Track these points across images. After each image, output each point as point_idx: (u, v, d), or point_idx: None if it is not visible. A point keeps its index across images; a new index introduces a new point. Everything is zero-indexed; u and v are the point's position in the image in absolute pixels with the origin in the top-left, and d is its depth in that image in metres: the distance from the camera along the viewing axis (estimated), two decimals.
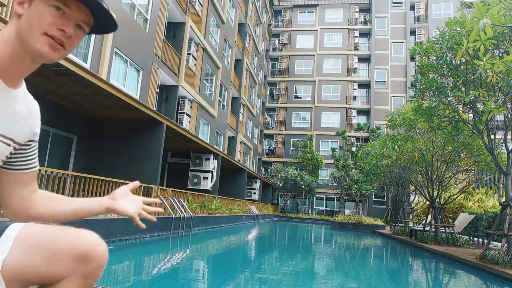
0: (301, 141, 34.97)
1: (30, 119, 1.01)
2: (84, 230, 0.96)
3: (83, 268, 0.93)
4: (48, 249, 0.91)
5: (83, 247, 0.93)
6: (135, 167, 9.92)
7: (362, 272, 6.22)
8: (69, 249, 0.92)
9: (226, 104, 22.22)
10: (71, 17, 0.90)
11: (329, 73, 36.69)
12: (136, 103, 8.60)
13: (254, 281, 4.88)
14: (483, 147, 10.13)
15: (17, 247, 0.90)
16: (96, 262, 0.94)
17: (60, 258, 0.91)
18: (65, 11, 0.89)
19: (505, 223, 7.15)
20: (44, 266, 0.90)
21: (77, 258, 0.92)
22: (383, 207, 31.43)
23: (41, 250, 0.90)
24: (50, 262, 0.90)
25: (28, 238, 0.92)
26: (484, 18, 4.56)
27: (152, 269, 5.09)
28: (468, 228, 13.66)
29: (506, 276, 5.94)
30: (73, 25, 0.91)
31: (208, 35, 18.02)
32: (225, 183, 20.43)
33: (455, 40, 7.21)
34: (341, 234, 16.77)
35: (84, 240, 0.94)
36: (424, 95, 8.92)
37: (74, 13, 0.90)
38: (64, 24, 0.89)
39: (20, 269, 0.89)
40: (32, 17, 0.87)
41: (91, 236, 0.96)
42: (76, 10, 0.90)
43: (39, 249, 0.90)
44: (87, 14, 0.92)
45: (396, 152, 12.51)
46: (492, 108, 5.72)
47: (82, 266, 0.92)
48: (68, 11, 0.89)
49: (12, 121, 0.95)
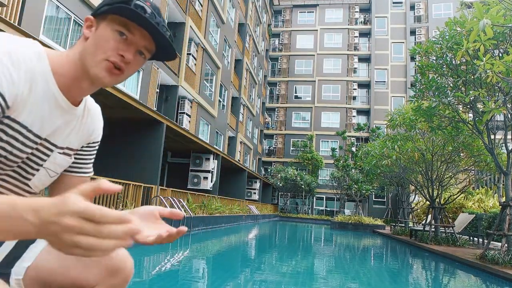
0: (301, 141, 34.97)
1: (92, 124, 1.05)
2: None
3: (111, 279, 0.96)
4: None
5: (115, 259, 0.97)
6: (135, 167, 9.92)
7: (362, 272, 6.22)
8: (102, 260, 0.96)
9: (226, 104, 22.22)
10: (133, 42, 0.90)
11: (329, 73, 36.69)
12: (136, 103, 8.60)
13: (254, 281, 4.88)
14: (483, 147, 10.13)
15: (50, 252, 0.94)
16: (124, 276, 0.99)
17: (92, 266, 0.95)
18: (127, 37, 0.89)
19: (505, 223, 7.15)
20: (75, 271, 0.93)
21: (108, 269, 0.96)
22: (383, 207, 31.43)
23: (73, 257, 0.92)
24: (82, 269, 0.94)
25: None
26: (484, 18, 4.56)
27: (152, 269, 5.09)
28: (468, 228, 13.66)
29: (506, 276, 5.94)
30: (134, 51, 0.91)
31: (208, 35, 18.02)
32: (225, 183, 20.43)
33: (455, 40, 7.21)
34: (341, 234, 16.77)
35: (117, 253, 0.98)
36: (424, 95, 8.92)
37: (136, 38, 0.90)
38: (125, 49, 0.89)
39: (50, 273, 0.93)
40: (97, 41, 0.88)
41: (123, 251, 1.00)
42: (138, 36, 0.90)
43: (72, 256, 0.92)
44: (149, 40, 0.92)
45: (396, 152, 12.51)
46: (492, 108, 5.72)
47: (111, 277, 0.96)
48: (130, 37, 0.89)
49: (74, 135, 0.98)
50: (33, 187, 0.95)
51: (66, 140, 0.97)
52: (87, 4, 9.34)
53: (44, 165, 0.94)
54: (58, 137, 0.94)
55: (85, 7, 9.34)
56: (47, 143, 0.92)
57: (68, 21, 8.94)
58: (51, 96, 0.87)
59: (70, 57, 0.90)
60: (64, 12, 8.74)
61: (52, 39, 8.48)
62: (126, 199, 8.34)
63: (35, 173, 0.93)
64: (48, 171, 0.96)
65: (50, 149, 0.93)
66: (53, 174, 0.98)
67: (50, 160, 0.94)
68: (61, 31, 8.80)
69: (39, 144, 0.90)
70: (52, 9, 8.39)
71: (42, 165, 0.94)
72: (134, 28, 0.89)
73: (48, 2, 8.14)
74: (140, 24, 0.88)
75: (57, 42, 8.65)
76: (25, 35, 5.74)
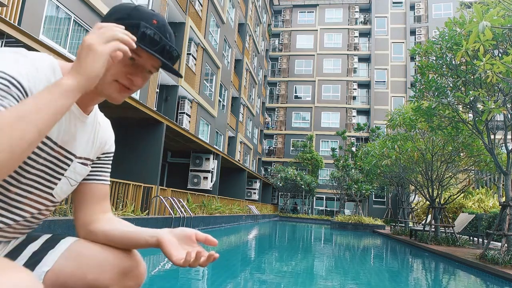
0: (301, 141, 34.98)
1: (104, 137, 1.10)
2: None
3: (124, 282, 1.00)
4: (97, 259, 0.99)
5: (128, 262, 1.01)
6: (135, 167, 9.92)
7: (362, 272, 6.23)
8: (116, 262, 1.00)
9: (226, 104, 22.23)
10: (141, 64, 0.94)
11: (329, 73, 36.69)
12: (136, 103, 8.60)
13: (254, 280, 4.89)
14: (483, 147, 10.14)
15: (68, 257, 0.98)
16: (136, 279, 1.03)
17: (106, 269, 0.99)
18: (135, 59, 0.92)
19: (505, 223, 7.15)
20: (90, 275, 0.97)
21: (121, 272, 1.00)
22: (383, 207, 31.44)
23: (90, 260, 0.98)
24: (97, 272, 0.98)
25: (78, 250, 1.00)
26: (483, 20, 4.56)
27: (152, 269, 5.10)
28: (468, 228, 13.66)
29: (506, 276, 5.95)
30: (142, 74, 0.95)
31: (208, 35, 18.02)
32: (225, 183, 20.44)
33: (455, 40, 7.21)
34: (341, 234, 16.78)
35: (131, 256, 1.03)
36: (424, 95, 8.92)
37: (143, 60, 0.93)
38: (133, 73, 0.93)
39: (68, 276, 0.96)
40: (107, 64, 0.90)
41: (137, 254, 1.05)
42: (145, 58, 0.93)
43: (88, 259, 0.98)
44: (156, 60, 0.95)
45: (396, 152, 12.52)
46: (492, 108, 5.72)
47: (124, 280, 1.00)
48: (138, 59, 0.92)
49: (89, 144, 1.03)
50: (56, 196, 1.00)
51: (84, 150, 1.02)
52: (87, 4, 9.34)
53: (65, 174, 0.99)
54: (75, 147, 0.99)
55: (85, 7, 9.34)
56: (65, 152, 0.97)
57: (68, 21, 8.94)
58: None
59: None
60: (64, 12, 8.74)
61: (52, 39, 8.48)
62: (126, 199, 8.34)
63: (57, 182, 0.98)
64: (69, 180, 1.01)
65: (69, 158, 0.98)
66: (73, 183, 1.03)
67: (70, 170, 0.99)
68: (61, 31, 8.80)
69: (57, 152, 0.94)
70: (52, 9, 8.39)
71: (64, 174, 0.98)
72: (142, 51, 0.92)
73: (48, 2, 8.14)
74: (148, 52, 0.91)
75: (57, 42, 8.65)
76: (25, 35, 5.74)
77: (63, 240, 1.02)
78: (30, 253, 0.97)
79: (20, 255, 0.97)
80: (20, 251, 0.98)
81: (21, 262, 0.95)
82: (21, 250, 0.98)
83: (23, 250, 0.98)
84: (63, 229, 5.76)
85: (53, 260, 0.96)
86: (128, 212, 8.01)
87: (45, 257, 0.97)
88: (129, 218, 7.63)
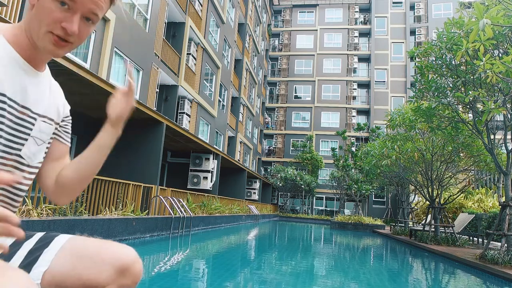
0: (301, 141, 34.97)
1: (59, 98, 1.09)
2: (125, 245, 1.05)
3: (121, 280, 1.00)
4: (93, 258, 0.98)
5: (124, 260, 1.00)
6: (135, 166, 9.91)
7: (361, 272, 6.23)
8: (112, 261, 0.99)
9: (226, 104, 22.23)
10: (75, 10, 0.87)
11: (329, 73, 36.69)
12: (136, 102, 8.60)
13: (253, 280, 4.88)
14: (483, 147, 10.14)
15: (63, 256, 0.98)
16: (133, 277, 1.02)
17: (103, 268, 0.98)
18: (68, 5, 0.85)
19: (504, 223, 7.15)
20: (87, 274, 0.97)
21: (117, 270, 0.99)
22: (383, 207, 31.44)
23: (85, 259, 0.98)
24: (93, 271, 0.98)
25: (73, 249, 1.00)
26: (484, 18, 4.56)
27: (151, 268, 5.09)
28: (468, 228, 13.67)
29: (506, 276, 5.95)
30: (77, 21, 0.87)
31: (208, 35, 18.02)
32: (225, 183, 20.44)
33: (454, 41, 7.21)
34: (340, 234, 16.78)
35: (126, 254, 1.02)
36: (423, 96, 8.92)
37: (78, 5, 0.86)
38: (68, 20, 0.86)
39: (64, 276, 0.96)
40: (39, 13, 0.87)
41: (132, 252, 1.04)
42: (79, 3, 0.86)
43: (84, 258, 0.98)
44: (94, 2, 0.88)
45: (396, 152, 12.51)
46: (491, 108, 5.72)
47: (120, 278, 1.00)
48: (71, 4, 0.86)
49: (47, 102, 1.02)
50: (26, 157, 0.98)
51: (46, 110, 1.01)
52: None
53: (31, 134, 0.97)
54: (36, 105, 0.97)
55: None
56: (28, 111, 0.95)
57: None
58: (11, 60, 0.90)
59: (23, 27, 0.92)
60: None
61: None
62: (126, 199, 8.34)
63: (24, 143, 0.96)
64: (35, 139, 0.99)
65: (33, 117, 0.97)
66: (40, 142, 1.01)
67: (35, 129, 0.98)
68: None
69: (20, 113, 0.93)
70: None
71: (30, 134, 0.97)
72: None
73: None
74: None
75: None
76: None
77: (56, 238, 1.02)
78: (26, 253, 0.98)
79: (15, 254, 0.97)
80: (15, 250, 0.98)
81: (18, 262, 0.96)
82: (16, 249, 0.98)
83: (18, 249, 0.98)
84: (63, 229, 5.76)
85: (49, 260, 0.96)
86: (128, 212, 8.01)
87: (41, 257, 0.97)
88: (129, 218, 7.63)
